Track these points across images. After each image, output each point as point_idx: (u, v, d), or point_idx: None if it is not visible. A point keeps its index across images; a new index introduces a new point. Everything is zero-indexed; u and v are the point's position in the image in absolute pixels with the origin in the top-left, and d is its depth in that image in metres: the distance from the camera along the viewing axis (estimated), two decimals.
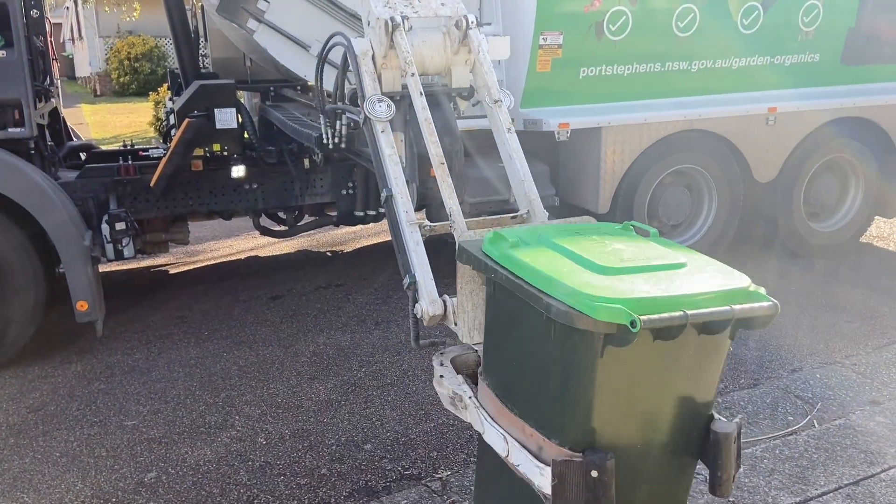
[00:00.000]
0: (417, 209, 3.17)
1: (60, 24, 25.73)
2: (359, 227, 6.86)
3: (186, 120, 5.11)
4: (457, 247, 2.53)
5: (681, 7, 5.55)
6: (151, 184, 5.12)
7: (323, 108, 3.85)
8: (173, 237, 5.73)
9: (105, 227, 4.85)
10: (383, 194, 2.95)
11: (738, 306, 2.00)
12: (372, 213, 6.01)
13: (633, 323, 1.87)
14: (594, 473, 2.09)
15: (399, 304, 5.63)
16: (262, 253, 7.28)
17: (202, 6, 6.54)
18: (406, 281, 2.83)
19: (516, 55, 5.43)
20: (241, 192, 5.67)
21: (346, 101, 3.52)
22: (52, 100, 5.61)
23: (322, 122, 3.89)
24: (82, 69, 25.11)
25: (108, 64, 22.08)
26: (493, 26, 5.46)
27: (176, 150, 5.08)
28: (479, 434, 2.49)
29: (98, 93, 21.68)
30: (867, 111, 6.19)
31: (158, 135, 13.15)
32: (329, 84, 3.76)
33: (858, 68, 6.14)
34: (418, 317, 2.79)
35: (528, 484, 2.20)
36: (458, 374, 2.71)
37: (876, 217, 6.79)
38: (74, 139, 6.26)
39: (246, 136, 5.67)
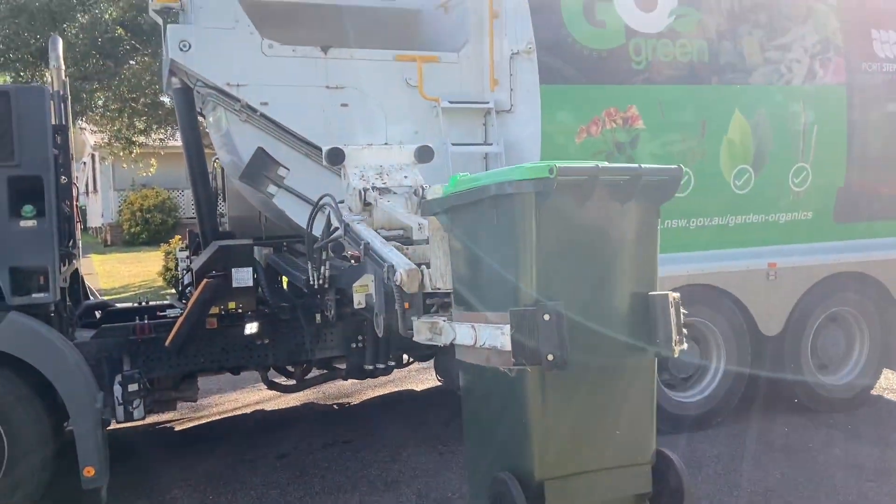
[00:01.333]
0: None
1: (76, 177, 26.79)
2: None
3: (205, 280, 5.25)
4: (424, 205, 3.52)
5: None
6: (167, 343, 5.18)
7: (311, 251, 4.60)
8: (182, 395, 5.71)
9: (118, 389, 4.85)
10: (361, 245, 3.91)
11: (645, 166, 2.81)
12: (381, 366, 6.02)
13: (550, 170, 2.54)
14: (546, 317, 2.50)
15: (408, 463, 5.52)
16: (269, 406, 7.21)
17: (222, 169, 6.90)
18: (384, 267, 3.47)
19: None
20: (252, 347, 5.70)
21: (330, 250, 4.42)
22: (74, 261, 5.78)
23: (309, 267, 4.65)
24: (94, 220, 25.89)
25: (120, 215, 22.82)
26: None
27: (193, 309, 5.18)
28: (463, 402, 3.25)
29: (108, 243, 22.25)
30: (864, 266, 6.37)
31: (167, 284, 13.39)
32: (317, 231, 4.63)
33: (852, 225, 6.39)
34: (399, 283, 3.35)
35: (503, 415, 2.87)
36: None
37: (885, 369, 6.79)
38: (91, 297, 6.38)
39: (259, 291, 5.80)
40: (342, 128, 5.57)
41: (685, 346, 3.01)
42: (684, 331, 2.96)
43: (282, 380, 6.41)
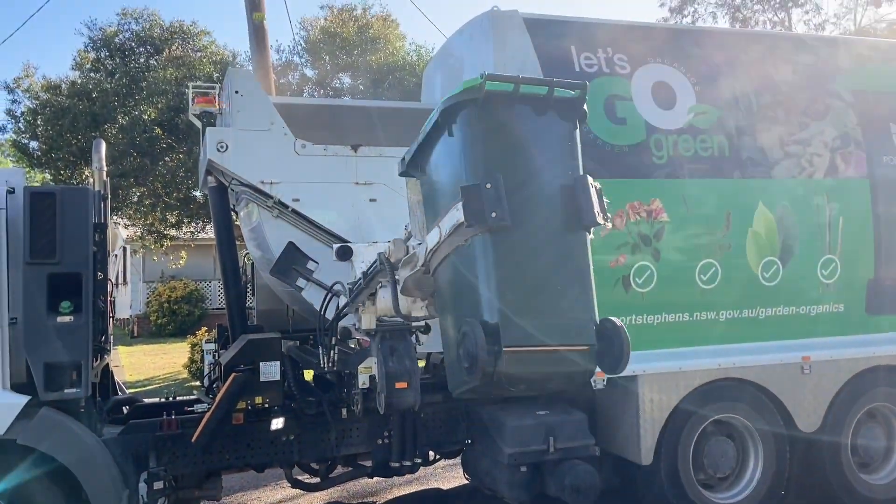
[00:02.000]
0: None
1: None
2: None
3: (233, 374, 5.26)
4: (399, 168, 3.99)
5: (702, 262, 5.88)
6: (193, 439, 5.14)
7: (321, 336, 5.07)
8: (206, 493, 5.61)
9: (143, 487, 4.80)
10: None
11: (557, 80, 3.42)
12: (408, 463, 5.90)
13: (481, 75, 3.13)
14: (488, 185, 3.04)
15: None
16: None
17: (252, 263, 7.03)
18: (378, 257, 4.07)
19: None
20: (278, 443, 5.63)
21: (338, 334, 5.01)
22: (105, 356, 5.85)
23: (320, 351, 5.08)
24: (123, 311, 26.18)
25: (148, 307, 23.12)
26: None
27: (220, 404, 5.17)
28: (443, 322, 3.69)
29: (135, 334, 22.45)
30: None
31: (192, 377, 13.39)
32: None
33: (886, 317, 6.28)
34: (387, 256, 4.06)
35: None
36: None
37: None
38: (119, 392, 6.40)
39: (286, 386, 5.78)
40: (370, 222, 5.71)
41: (609, 224, 3.52)
42: (609, 215, 3.50)
43: (306, 477, 6.29)
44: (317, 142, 5.80)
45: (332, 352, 5.13)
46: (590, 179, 3.43)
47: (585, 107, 3.53)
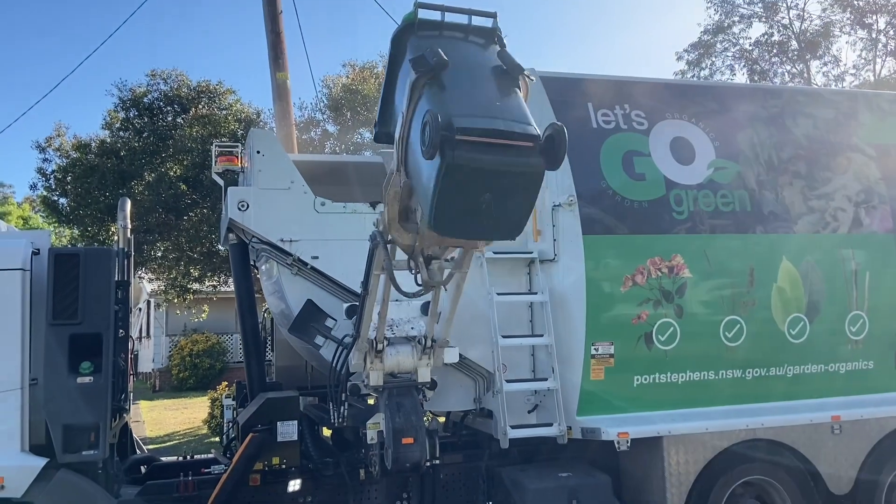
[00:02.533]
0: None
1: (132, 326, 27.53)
2: None
3: (250, 435, 5.21)
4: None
5: (726, 318, 5.78)
6: (209, 502, 5.07)
7: (332, 392, 5.28)
8: None
9: None
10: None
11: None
12: None
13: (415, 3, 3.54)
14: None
15: None
16: None
17: (272, 318, 7.04)
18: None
19: (569, 364, 5.63)
20: None
21: (348, 392, 5.26)
22: (124, 416, 5.84)
23: (331, 407, 5.25)
24: (145, 365, 26.33)
25: (170, 360, 23.19)
26: (546, 337, 5.71)
27: (237, 466, 5.12)
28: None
29: (157, 388, 22.47)
30: None
31: (211, 432, 13.31)
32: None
33: None
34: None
35: None
36: None
37: None
38: (138, 451, 6.37)
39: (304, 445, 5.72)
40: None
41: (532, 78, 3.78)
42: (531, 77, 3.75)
43: None
44: (337, 198, 5.86)
45: (342, 408, 5.29)
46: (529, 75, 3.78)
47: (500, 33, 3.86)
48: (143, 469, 6.16)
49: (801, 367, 5.90)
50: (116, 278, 5.23)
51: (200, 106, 14.97)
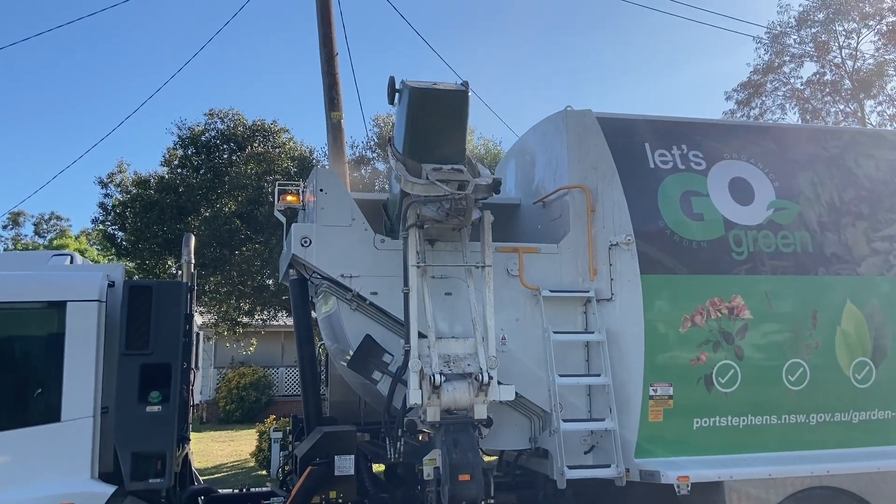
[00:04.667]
0: None
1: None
2: None
3: (309, 467, 5.27)
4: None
5: (789, 362, 5.68)
6: None
7: (387, 427, 5.41)
8: None
9: None
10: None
11: None
12: None
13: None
14: None
15: None
16: None
17: (326, 354, 7.14)
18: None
19: (627, 405, 5.58)
20: None
21: (405, 427, 5.24)
22: (186, 445, 5.96)
23: (387, 442, 5.25)
24: (193, 397, 26.70)
25: (217, 392, 23.51)
26: (603, 377, 5.68)
27: (296, 498, 5.17)
28: None
29: (204, 420, 22.75)
30: None
31: (259, 466, 13.40)
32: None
33: None
34: None
35: None
36: None
37: None
38: (196, 482, 6.47)
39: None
40: (446, 315, 5.75)
41: None
42: None
43: None
44: (395, 236, 5.96)
45: (398, 444, 5.32)
46: None
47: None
48: (200, 500, 6.25)
49: (867, 412, 5.74)
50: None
51: (255, 144, 15.43)
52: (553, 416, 5.53)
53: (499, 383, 5.24)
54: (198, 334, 7.09)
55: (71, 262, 5.57)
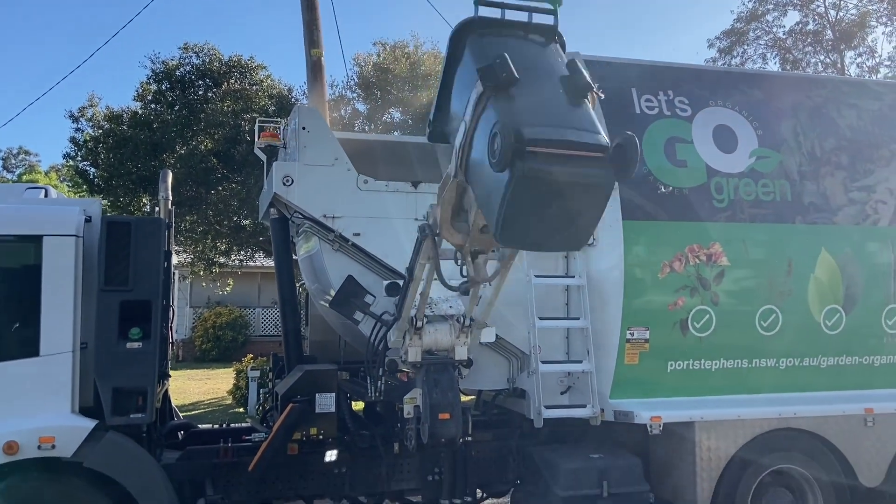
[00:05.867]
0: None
1: None
2: None
3: (290, 405, 5.32)
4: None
5: (763, 308, 5.79)
6: (250, 468, 5.20)
7: (370, 366, 5.34)
8: None
9: None
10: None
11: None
12: (457, 501, 5.86)
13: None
14: (497, 60, 3.44)
15: None
16: None
17: (306, 294, 7.14)
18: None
19: (604, 348, 5.68)
20: (330, 476, 5.67)
21: (385, 367, 5.32)
22: (166, 382, 5.97)
23: (368, 382, 5.32)
24: (172, 335, 26.70)
25: (193, 332, 23.51)
26: (582, 320, 5.76)
27: (277, 434, 5.23)
28: None
29: (180, 358, 22.79)
30: None
31: (236, 403, 13.53)
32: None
33: None
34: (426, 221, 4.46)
35: None
36: None
37: None
38: (175, 418, 6.52)
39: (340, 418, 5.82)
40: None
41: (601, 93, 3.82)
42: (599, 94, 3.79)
43: None
44: (377, 177, 5.91)
45: (379, 382, 5.41)
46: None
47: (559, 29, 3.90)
48: (180, 435, 6.30)
49: (836, 358, 5.91)
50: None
51: (232, 80, 15.06)
52: (532, 357, 5.62)
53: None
54: (173, 273, 7.03)
55: (45, 195, 5.44)
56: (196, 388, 16.75)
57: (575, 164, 3.31)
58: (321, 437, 5.53)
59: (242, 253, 16.59)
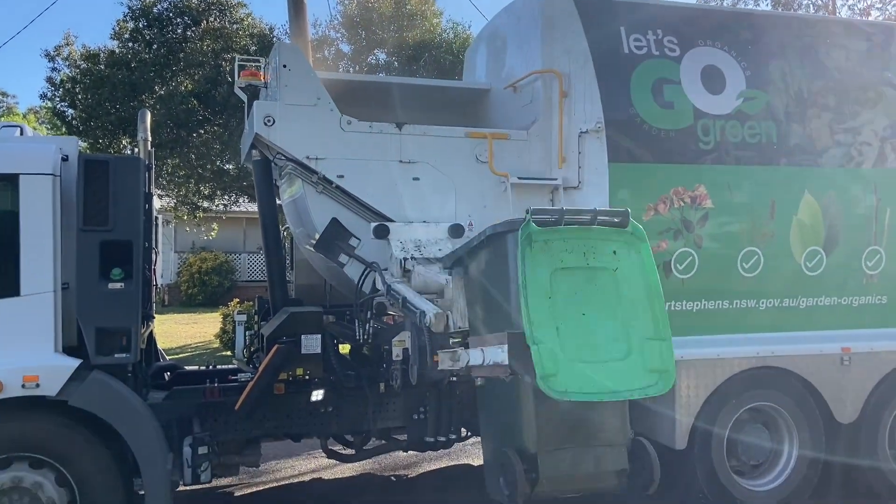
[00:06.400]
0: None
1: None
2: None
3: (276, 346, 5.35)
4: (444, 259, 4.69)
5: (745, 249, 5.83)
6: (237, 407, 5.25)
7: (356, 307, 5.30)
8: (245, 460, 5.73)
9: (187, 451, 4.92)
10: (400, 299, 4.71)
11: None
12: (442, 438, 5.98)
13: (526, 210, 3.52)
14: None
15: None
16: (326, 475, 7.17)
17: (291, 238, 7.10)
18: (417, 313, 4.34)
19: None
20: (316, 415, 5.74)
21: (374, 310, 5.32)
22: (150, 323, 5.97)
23: (356, 324, 5.33)
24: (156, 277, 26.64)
25: (179, 277, 23.47)
26: None
27: (263, 374, 5.27)
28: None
29: (166, 303, 22.81)
30: None
31: (223, 347, 13.61)
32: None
33: None
34: (429, 325, 4.19)
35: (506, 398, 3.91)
36: None
37: None
38: (161, 359, 6.54)
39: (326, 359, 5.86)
40: (413, 201, 5.72)
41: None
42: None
43: (340, 448, 6.40)
44: (361, 118, 5.82)
45: (367, 325, 5.38)
46: None
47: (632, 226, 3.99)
48: (166, 376, 6.34)
49: (815, 299, 5.99)
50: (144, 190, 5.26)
51: (211, 19, 14.65)
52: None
53: None
54: (156, 217, 6.95)
55: (21, 133, 5.31)
56: (183, 331, 16.82)
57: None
58: (307, 377, 5.59)
59: (226, 197, 16.44)
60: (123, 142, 14.10)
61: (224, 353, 13.25)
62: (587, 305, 3.58)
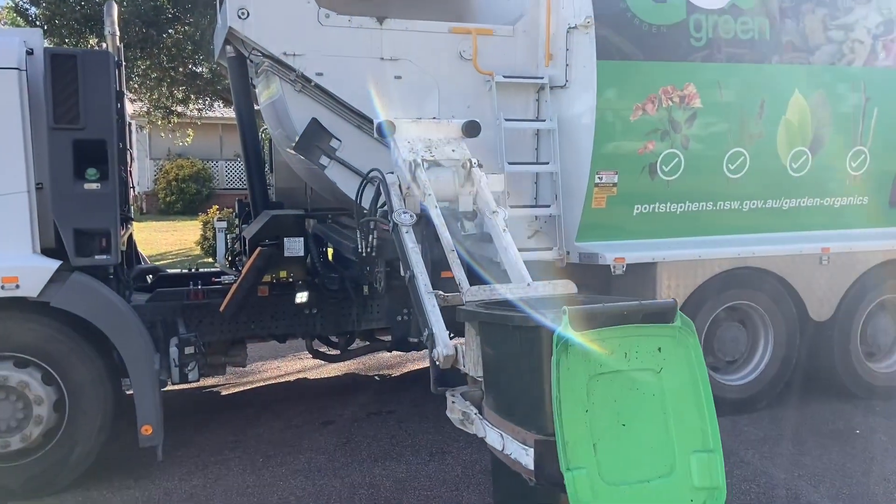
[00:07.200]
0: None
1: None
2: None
3: (258, 248, 5.30)
4: (459, 311, 3.72)
5: (731, 150, 5.79)
6: (221, 308, 5.26)
7: (360, 221, 4.81)
8: (232, 360, 5.81)
9: (174, 351, 4.94)
10: (407, 275, 4.09)
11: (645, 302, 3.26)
12: (425, 339, 6.05)
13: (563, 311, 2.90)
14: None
15: (452, 435, 5.55)
16: (311, 375, 7.30)
17: (270, 140, 6.93)
18: (425, 333, 3.82)
19: (573, 192, 5.68)
20: (301, 316, 5.78)
21: (377, 221, 4.70)
22: (129, 225, 5.87)
23: (358, 236, 4.85)
24: (133, 180, 26.22)
25: (156, 184, 23.09)
26: (552, 164, 5.72)
27: (247, 276, 5.25)
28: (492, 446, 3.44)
29: (144, 211, 22.53)
30: None
31: (204, 253, 13.56)
32: (366, 204, 4.89)
33: None
34: (436, 361, 3.71)
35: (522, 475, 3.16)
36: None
37: None
38: (142, 262, 6.48)
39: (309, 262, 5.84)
40: (395, 100, 5.55)
41: None
42: None
43: (325, 349, 6.49)
44: (340, 12, 5.56)
45: (370, 237, 4.84)
46: None
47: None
48: (149, 279, 6.31)
49: (798, 200, 6.02)
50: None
51: None
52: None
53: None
54: (129, 123, 6.72)
55: None
56: (163, 238, 16.70)
57: None
58: (291, 279, 5.58)
59: (201, 101, 15.96)
60: (90, 41, 13.48)
61: (206, 259, 13.21)
62: (627, 414, 3.01)
